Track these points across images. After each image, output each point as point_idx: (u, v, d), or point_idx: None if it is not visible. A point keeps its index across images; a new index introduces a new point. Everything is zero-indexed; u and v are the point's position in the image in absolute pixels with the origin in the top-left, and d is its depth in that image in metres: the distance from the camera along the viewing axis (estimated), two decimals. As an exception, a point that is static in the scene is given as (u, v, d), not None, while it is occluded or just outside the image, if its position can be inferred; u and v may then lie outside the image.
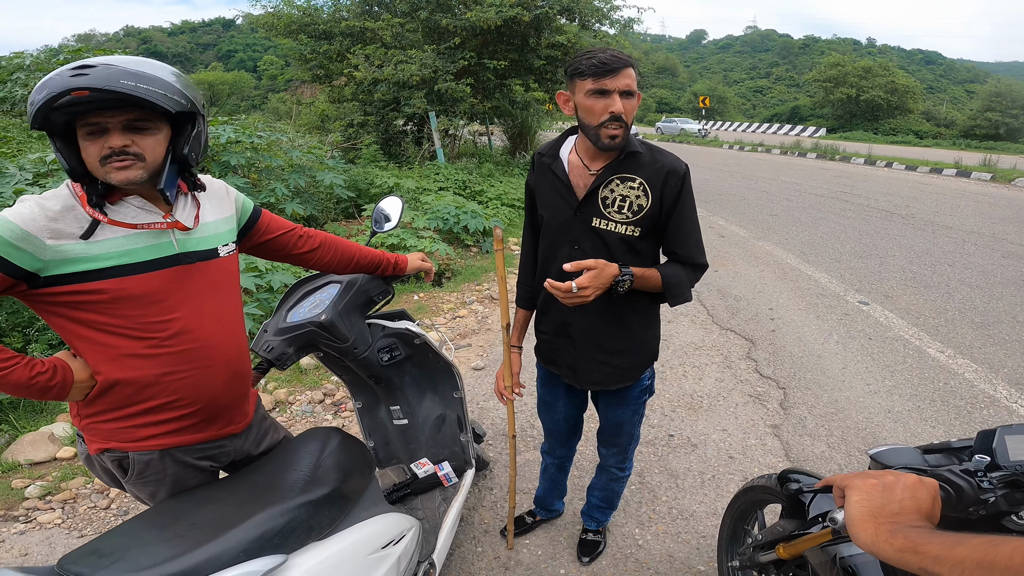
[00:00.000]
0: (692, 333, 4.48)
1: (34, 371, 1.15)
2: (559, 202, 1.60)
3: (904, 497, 0.75)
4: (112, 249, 1.14)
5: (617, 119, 1.41)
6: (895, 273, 5.85)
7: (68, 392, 1.21)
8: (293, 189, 6.11)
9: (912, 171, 14.95)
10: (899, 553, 0.68)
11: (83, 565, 1.06)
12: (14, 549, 2.37)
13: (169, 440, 1.32)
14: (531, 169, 1.72)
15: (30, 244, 1.06)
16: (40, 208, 1.08)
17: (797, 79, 76.31)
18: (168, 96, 1.09)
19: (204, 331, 1.28)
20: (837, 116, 40.13)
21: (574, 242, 1.60)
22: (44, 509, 2.60)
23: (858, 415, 3.23)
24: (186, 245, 1.25)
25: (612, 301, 1.59)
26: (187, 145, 1.19)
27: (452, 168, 8.93)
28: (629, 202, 1.53)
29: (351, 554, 1.41)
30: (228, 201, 1.41)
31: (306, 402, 3.48)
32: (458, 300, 5.29)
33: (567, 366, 1.80)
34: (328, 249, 1.66)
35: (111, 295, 1.14)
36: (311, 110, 14.22)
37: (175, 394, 1.27)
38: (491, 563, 2.27)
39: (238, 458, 1.55)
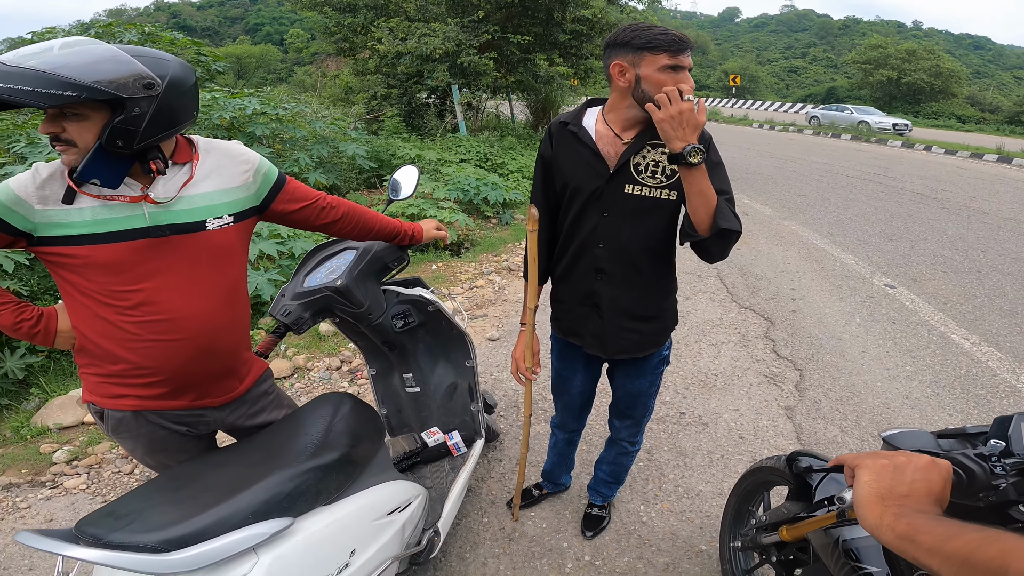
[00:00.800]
0: (710, 311, 4.43)
1: (20, 316, 1.27)
2: (588, 171, 1.58)
3: (915, 479, 0.74)
4: (87, 218, 1.18)
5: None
6: (925, 257, 5.69)
7: (52, 339, 1.32)
8: (316, 159, 6.17)
9: (951, 155, 14.44)
10: (898, 540, 0.68)
11: (99, 527, 1.10)
12: (40, 515, 2.42)
13: (141, 403, 1.36)
14: (546, 140, 1.68)
15: (22, 207, 1.15)
16: (33, 175, 1.17)
17: (835, 60, 73.76)
18: (36, 90, 1.01)
19: (169, 305, 1.27)
20: (876, 98, 38.77)
21: (604, 210, 1.59)
22: (70, 474, 2.65)
23: (874, 400, 3.18)
24: (160, 218, 1.23)
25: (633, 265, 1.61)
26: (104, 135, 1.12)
27: (474, 141, 8.90)
28: (662, 167, 1.53)
29: (356, 519, 1.43)
30: (240, 170, 1.37)
31: (324, 368, 3.54)
32: (476, 270, 5.29)
33: (591, 335, 1.78)
34: (350, 219, 1.66)
35: (82, 261, 1.20)
36: (335, 83, 14.23)
37: (138, 362, 1.30)
38: (496, 534, 2.29)
39: (222, 428, 1.57)
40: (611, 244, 1.62)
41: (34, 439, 2.87)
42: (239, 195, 1.37)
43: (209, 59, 7.76)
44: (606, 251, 1.63)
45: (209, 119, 5.49)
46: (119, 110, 1.11)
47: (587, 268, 1.68)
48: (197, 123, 5.44)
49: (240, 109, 5.66)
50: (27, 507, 2.46)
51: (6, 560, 2.18)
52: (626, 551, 2.21)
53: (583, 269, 1.69)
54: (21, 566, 2.16)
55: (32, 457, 2.74)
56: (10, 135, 4.34)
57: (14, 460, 2.70)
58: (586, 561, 2.17)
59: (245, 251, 1.45)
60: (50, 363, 3.41)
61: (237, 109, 5.66)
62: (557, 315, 1.88)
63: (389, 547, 1.53)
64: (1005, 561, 0.57)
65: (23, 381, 3.28)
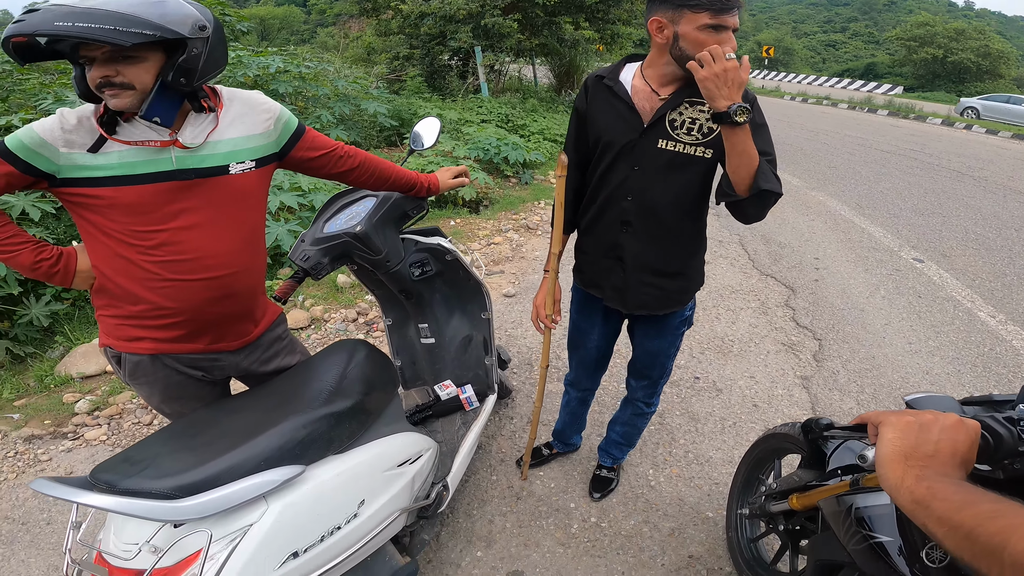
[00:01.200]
0: (730, 276, 4.36)
1: (39, 256, 1.29)
2: (621, 125, 1.57)
3: (941, 439, 0.70)
4: (115, 161, 1.22)
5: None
6: (957, 233, 5.51)
7: (71, 279, 1.34)
8: (338, 117, 6.17)
9: (993, 135, 13.87)
10: (914, 504, 0.65)
11: (113, 473, 1.11)
12: (60, 468, 2.46)
13: (158, 346, 1.39)
14: (582, 93, 1.66)
15: (46, 150, 1.18)
16: (60, 120, 1.20)
17: (877, 36, 70.77)
18: (118, 29, 1.07)
19: (191, 245, 1.30)
20: (918, 76, 37.36)
21: (635, 164, 1.57)
22: (91, 425, 2.69)
23: (894, 373, 3.11)
24: (186, 162, 1.28)
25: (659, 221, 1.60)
26: (171, 72, 1.18)
27: (495, 102, 8.79)
28: (699, 124, 1.50)
29: (367, 469, 1.44)
30: (262, 119, 1.40)
31: (340, 320, 3.57)
32: (494, 227, 5.28)
33: (613, 288, 1.77)
34: (366, 168, 1.66)
35: (107, 201, 1.23)
36: (358, 44, 14.07)
37: (158, 302, 1.32)
38: (504, 492, 2.30)
39: (237, 374, 1.60)
40: (639, 198, 1.60)
41: (57, 388, 2.92)
42: (261, 142, 1.40)
43: (234, 19, 7.72)
44: (634, 204, 1.62)
45: (233, 77, 5.52)
46: (179, 51, 1.18)
47: (613, 220, 1.67)
48: (221, 81, 5.44)
49: (264, 67, 5.71)
50: (48, 459, 2.50)
51: (25, 515, 2.23)
52: (632, 514, 2.21)
53: (609, 221, 1.68)
54: (39, 520, 2.20)
55: (55, 407, 2.78)
56: (37, 93, 4.37)
57: (37, 411, 2.76)
58: (592, 523, 2.17)
59: (265, 197, 1.48)
60: (75, 311, 3.47)
61: (261, 67, 5.69)
62: (580, 266, 1.87)
63: (398, 499, 1.53)
64: (1005, 539, 0.54)
65: (48, 329, 3.33)
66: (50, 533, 2.14)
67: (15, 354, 3.13)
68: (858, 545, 1.13)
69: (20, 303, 3.20)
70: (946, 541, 0.60)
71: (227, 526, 1.14)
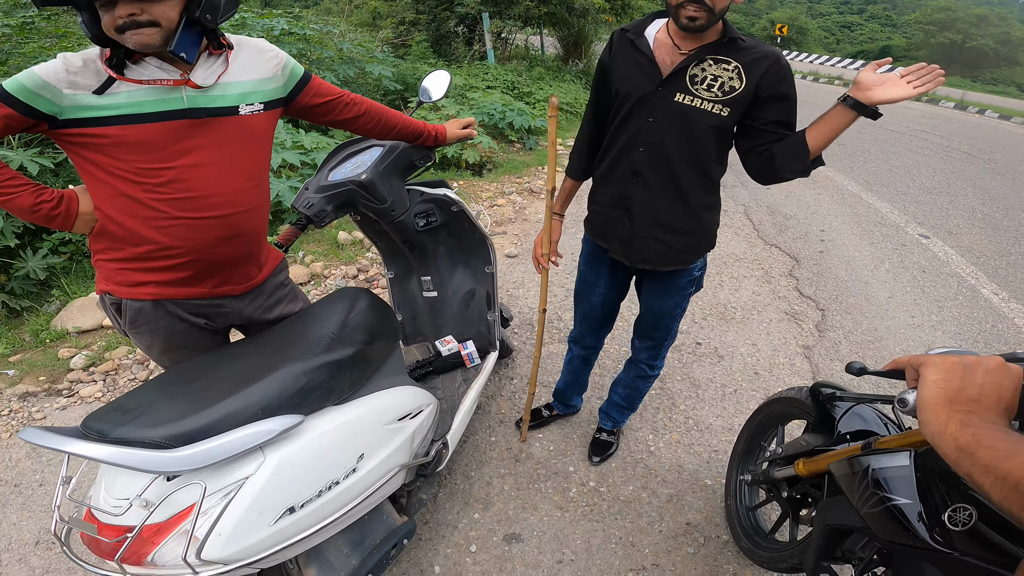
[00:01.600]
0: (734, 244, 4.33)
1: (40, 198, 1.26)
2: (640, 77, 1.56)
3: (986, 381, 0.66)
4: (123, 100, 1.21)
5: (697, 1, 1.36)
6: (964, 212, 5.46)
7: (72, 222, 1.31)
8: (342, 79, 6.08)
9: (1005, 120, 13.68)
10: (958, 452, 0.61)
11: (105, 422, 1.05)
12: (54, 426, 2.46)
13: (161, 291, 1.37)
14: (607, 47, 1.67)
15: (48, 92, 1.16)
16: (64, 62, 1.18)
17: (895, 19, 69.28)
18: None
19: (199, 182, 1.29)
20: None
21: (649, 115, 1.57)
22: (87, 381, 2.66)
23: (896, 347, 3.09)
24: (198, 102, 1.27)
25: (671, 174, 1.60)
26: (198, 8, 1.19)
27: (502, 69, 8.64)
28: (721, 82, 1.49)
29: (367, 422, 1.39)
30: (270, 64, 1.41)
31: (340, 276, 3.55)
32: (497, 190, 5.24)
33: (619, 240, 1.76)
34: (372, 116, 1.65)
35: (113, 140, 1.22)
36: (363, 8, 13.79)
37: (164, 242, 1.31)
38: (503, 453, 2.30)
39: (239, 322, 1.57)
40: (651, 148, 1.60)
41: (53, 343, 2.89)
42: (269, 86, 1.41)
43: (237, -19, 7.57)
44: (645, 155, 1.61)
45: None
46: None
47: (625, 171, 1.67)
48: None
49: (268, 29, 5.62)
50: (43, 417, 2.47)
51: (18, 476, 2.19)
52: (631, 480, 2.21)
53: (621, 172, 1.68)
54: (32, 482, 2.17)
55: (50, 363, 2.75)
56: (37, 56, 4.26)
57: (32, 366, 2.73)
58: (591, 487, 2.17)
59: (270, 139, 1.48)
60: (72, 264, 3.44)
61: (265, 29, 5.60)
62: (591, 217, 1.86)
63: (398, 454, 1.50)
64: None
65: (44, 282, 3.29)
66: (43, 495, 2.10)
67: (11, 308, 3.11)
68: (874, 508, 1.09)
69: (17, 256, 3.17)
70: (992, 491, 0.57)
71: (222, 479, 1.10)
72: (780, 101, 1.50)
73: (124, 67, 1.21)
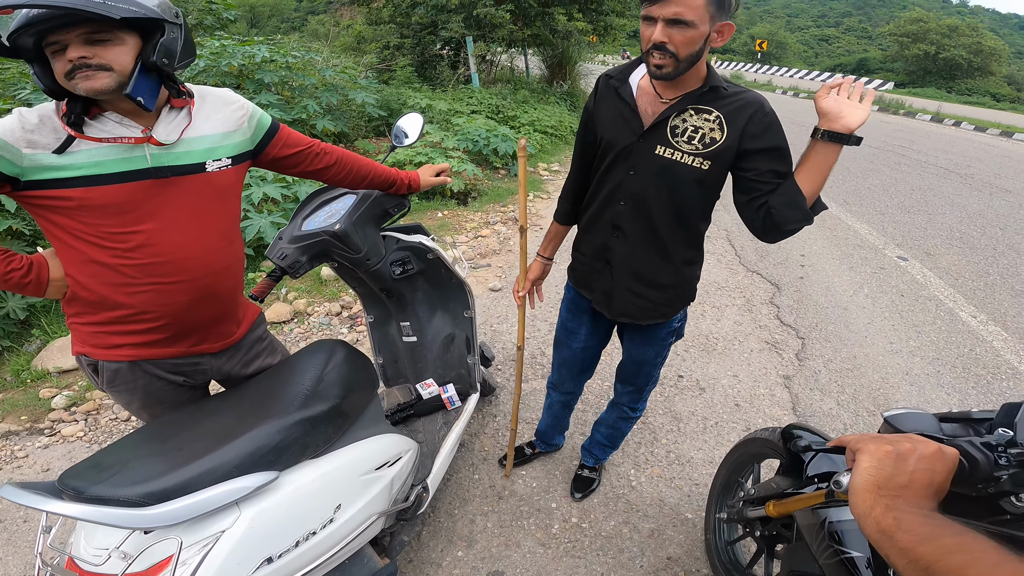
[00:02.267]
0: (717, 272, 4.37)
1: (9, 266, 1.22)
2: (622, 127, 1.54)
3: (917, 468, 0.70)
4: (84, 160, 1.17)
5: (659, 48, 1.32)
6: (942, 231, 5.56)
7: (44, 289, 1.27)
8: (325, 106, 6.08)
9: (981, 132, 13.96)
10: (879, 534, 0.66)
11: (82, 479, 1.09)
12: (36, 464, 2.42)
13: (138, 352, 1.35)
14: (593, 92, 1.65)
15: (7, 152, 1.12)
16: (19, 120, 1.14)
17: (870, 31, 70.95)
18: (107, 3, 1.06)
19: (169, 246, 1.26)
20: (909, 72, 37.55)
21: (630, 167, 1.54)
22: (68, 421, 2.65)
23: (874, 374, 3.13)
24: (162, 160, 1.24)
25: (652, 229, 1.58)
26: (154, 53, 1.16)
27: (486, 93, 8.71)
28: (701, 133, 1.45)
29: (343, 473, 1.42)
30: (236, 115, 1.38)
31: (324, 314, 3.54)
32: (482, 220, 5.26)
33: (601, 292, 1.76)
34: (344, 166, 1.64)
35: (77, 203, 1.18)
36: (348, 32, 13.89)
37: (137, 306, 1.29)
38: (486, 491, 2.30)
39: (218, 377, 1.56)
40: (632, 202, 1.57)
41: (34, 383, 2.87)
42: (236, 139, 1.38)
43: (220, 6, 7.59)
44: (627, 208, 1.59)
45: (218, 66, 5.41)
46: (157, 34, 1.18)
47: (606, 223, 1.65)
48: (206, 70, 5.35)
49: (249, 57, 5.59)
50: (25, 456, 2.46)
51: (2, 512, 2.19)
52: (613, 515, 2.22)
53: (603, 223, 1.67)
54: (16, 518, 2.17)
55: (31, 403, 2.74)
56: (16, 83, 4.28)
57: (14, 406, 2.71)
58: (573, 523, 2.18)
59: (240, 193, 1.46)
60: (52, 304, 3.39)
61: (246, 56, 5.58)
62: (574, 265, 1.86)
63: (376, 503, 1.52)
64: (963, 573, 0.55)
65: (24, 322, 3.26)
66: (27, 531, 2.12)
67: (-9, 347, 3.07)
68: (829, 559, 1.14)
69: (-4, 296, 3.14)
70: (905, 572, 0.61)
71: (198, 532, 1.13)
72: (770, 152, 1.44)
73: (83, 124, 1.18)
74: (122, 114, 1.21)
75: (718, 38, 1.35)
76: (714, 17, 1.30)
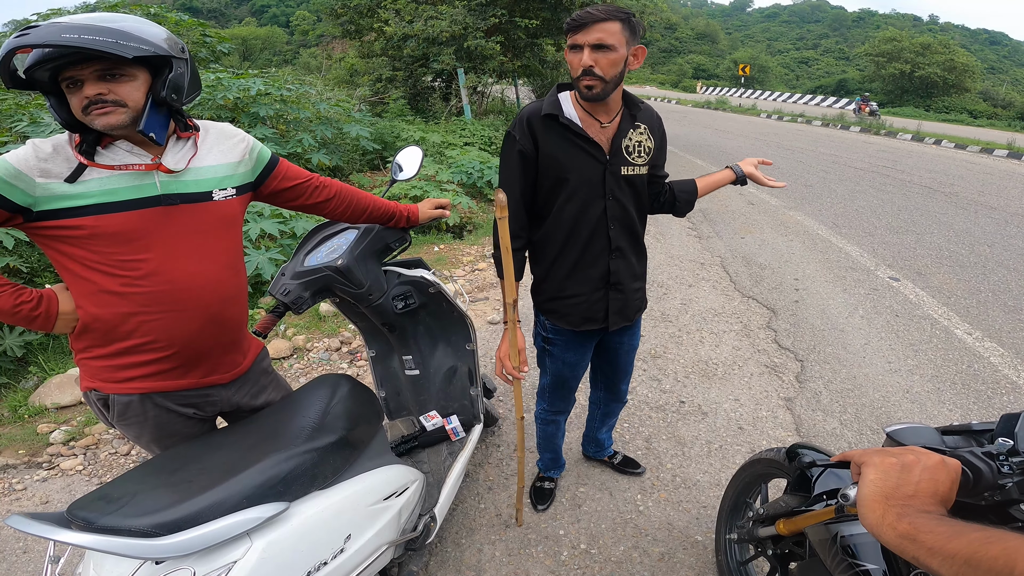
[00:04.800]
0: (712, 299, 4.41)
1: (19, 299, 1.23)
2: (586, 160, 1.63)
3: (922, 479, 0.72)
4: (95, 188, 1.20)
5: (588, 72, 1.49)
6: (931, 251, 5.64)
7: (53, 323, 1.28)
8: (320, 140, 6.15)
9: (961, 150, 14.26)
10: (899, 539, 0.67)
11: (91, 510, 1.09)
12: (35, 497, 2.41)
13: (148, 384, 1.36)
14: (525, 134, 1.61)
15: (21, 181, 1.15)
16: (33, 149, 1.18)
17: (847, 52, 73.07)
18: (119, 43, 1.12)
19: (178, 273, 1.29)
20: (887, 91, 38.48)
21: (607, 194, 1.68)
22: (67, 455, 2.64)
23: (875, 393, 3.16)
24: (171, 187, 1.28)
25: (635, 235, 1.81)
26: (163, 89, 1.22)
27: (478, 124, 8.85)
28: (644, 146, 1.70)
29: (352, 504, 1.43)
30: (238, 148, 1.43)
31: (323, 349, 3.53)
32: (478, 253, 5.29)
33: (615, 312, 1.86)
34: (342, 199, 1.66)
35: (89, 231, 1.21)
36: (340, 65, 14.13)
37: (148, 335, 1.30)
38: (492, 520, 2.29)
39: (227, 409, 1.57)
40: (620, 223, 1.74)
41: (32, 419, 2.86)
42: (239, 170, 1.42)
43: (214, 40, 7.71)
44: (618, 230, 1.74)
45: (213, 99, 5.46)
46: (165, 70, 1.23)
47: (600, 251, 1.75)
48: (201, 103, 5.41)
49: (244, 90, 5.65)
50: (23, 488, 2.45)
51: (1, 542, 2.18)
52: (622, 540, 2.20)
53: (596, 253, 1.75)
54: (15, 549, 2.16)
55: (29, 437, 2.72)
56: (12, 115, 4.33)
57: (11, 440, 2.70)
58: (582, 549, 2.16)
59: (241, 225, 1.49)
60: (49, 340, 3.41)
61: (241, 90, 5.64)
62: (566, 311, 1.84)
63: (385, 532, 1.53)
64: (1011, 559, 0.56)
65: (22, 359, 3.27)
66: (27, 562, 2.10)
67: (-12, 385, 3.06)
68: (844, 573, 1.15)
69: (-7, 334, 3.13)
70: (942, 570, 0.61)
71: (210, 563, 1.13)
72: (662, 149, 1.78)
73: (94, 152, 1.21)
74: (132, 143, 1.26)
75: (634, 60, 1.55)
76: (629, 41, 1.50)
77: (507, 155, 1.67)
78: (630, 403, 3.05)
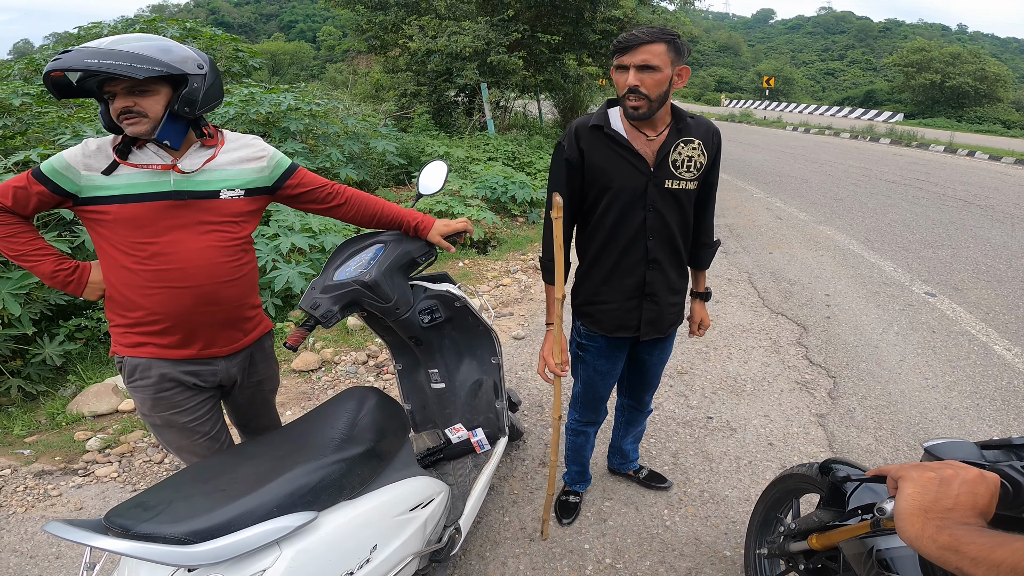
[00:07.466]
0: (740, 315, 4.35)
1: (59, 266, 1.52)
2: (630, 170, 1.67)
3: (961, 492, 0.72)
4: (123, 182, 1.45)
5: (634, 91, 1.54)
6: (967, 265, 5.49)
7: (83, 289, 1.56)
8: (347, 155, 6.26)
9: (996, 161, 13.88)
10: (941, 551, 0.66)
11: (128, 517, 1.13)
12: (70, 503, 2.46)
13: (157, 352, 1.55)
14: (572, 144, 1.72)
15: (70, 172, 1.43)
16: (83, 147, 1.45)
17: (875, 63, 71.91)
18: (133, 66, 1.31)
19: (178, 257, 1.49)
20: (917, 102, 37.70)
21: (648, 206, 1.71)
22: (102, 462, 2.69)
23: (911, 410, 3.07)
24: (183, 185, 1.49)
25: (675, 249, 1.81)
26: (177, 103, 1.41)
27: (502, 139, 8.92)
28: (694, 161, 1.70)
29: (379, 514, 1.46)
30: (258, 157, 1.63)
31: (351, 363, 3.57)
32: (502, 268, 5.30)
33: (647, 322, 1.87)
34: (353, 204, 1.83)
35: (113, 216, 1.45)
36: (366, 80, 14.41)
37: (150, 307, 1.50)
38: (516, 533, 2.28)
39: (227, 382, 1.71)
40: (659, 235, 1.75)
41: (69, 426, 2.94)
42: (252, 175, 1.62)
43: (246, 55, 7.94)
44: (656, 242, 1.76)
45: (246, 114, 5.60)
46: (182, 84, 1.42)
47: (637, 261, 1.79)
48: (235, 117, 5.56)
49: (276, 105, 5.79)
50: (58, 495, 2.50)
51: (34, 548, 2.23)
52: (648, 555, 2.18)
53: (632, 263, 1.79)
54: (48, 554, 2.20)
55: (66, 444, 2.79)
56: (55, 127, 4.50)
57: (48, 447, 2.76)
58: (607, 564, 2.14)
59: (252, 220, 1.67)
60: (87, 350, 3.50)
61: (273, 104, 5.78)
62: (600, 316, 1.90)
63: (410, 543, 1.54)
64: None
65: (60, 368, 3.36)
66: (59, 567, 2.14)
67: (27, 392, 3.16)
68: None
69: (33, 342, 3.24)
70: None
71: (240, 571, 1.16)
72: (715, 166, 1.78)
73: (129, 152, 1.45)
74: (158, 146, 1.48)
75: (679, 80, 1.59)
76: (674, 62, 1.55)
77: (556, 163, 1.77)
78: (656, 419, 3.01)
